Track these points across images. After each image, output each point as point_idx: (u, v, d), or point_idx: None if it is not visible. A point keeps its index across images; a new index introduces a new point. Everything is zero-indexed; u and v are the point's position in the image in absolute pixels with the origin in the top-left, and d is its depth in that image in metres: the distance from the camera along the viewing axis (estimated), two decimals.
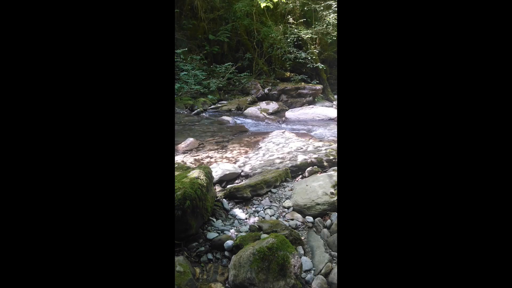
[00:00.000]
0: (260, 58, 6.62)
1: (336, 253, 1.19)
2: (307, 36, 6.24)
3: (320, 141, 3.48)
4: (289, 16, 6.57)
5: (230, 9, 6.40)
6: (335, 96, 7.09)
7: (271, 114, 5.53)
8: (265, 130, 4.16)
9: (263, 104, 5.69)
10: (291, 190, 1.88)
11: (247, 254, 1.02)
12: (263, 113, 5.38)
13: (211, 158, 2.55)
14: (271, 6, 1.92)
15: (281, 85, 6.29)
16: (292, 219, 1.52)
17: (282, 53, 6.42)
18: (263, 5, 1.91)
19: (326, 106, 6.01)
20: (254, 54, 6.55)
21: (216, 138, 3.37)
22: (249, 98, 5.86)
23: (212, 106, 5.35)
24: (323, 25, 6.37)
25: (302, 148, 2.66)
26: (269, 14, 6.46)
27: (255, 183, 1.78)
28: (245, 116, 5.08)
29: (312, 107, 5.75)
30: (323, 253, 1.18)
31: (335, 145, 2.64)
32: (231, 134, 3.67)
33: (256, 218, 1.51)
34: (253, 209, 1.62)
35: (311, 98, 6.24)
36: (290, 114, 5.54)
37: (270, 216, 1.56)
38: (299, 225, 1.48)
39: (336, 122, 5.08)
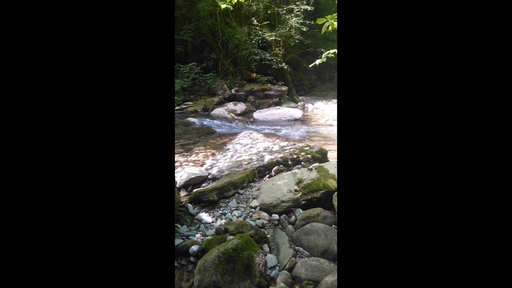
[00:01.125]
0: (226, 59, 6.59)
1: (300, 247, 1.25)
2: (271, 38, 6.40)
3: (286, 140, 3.60)
4: (253, 18, 6.67)
5: (193, 8, 6.23)
6: (300, 97, 7.41)
7: (239, 115, 5.54)
8: (233, 131, 4.15)
9: (230, 105, 5.67)
10: (258, 190, 1.91)
11: (212, 258, 1.01)
12: (231, 114, 5.36)
13: (175, 162, 2.46)
14: (231, 8, 1.91)
15: (248, 86, 6.34)
16: (259, 218, 1.55)
17: (247, 54, 6.48)
18: (223, 6, 1.90)
19: (292, 107, 6.25)
20: (219, 55, 6.49)
21: (181, 141, 3.26)
22: (216, 99, 5.79)
23: (177, 108, 5.16)
24: (286, 28, 6.60)
25: (269, 148, 2.73)
26: (233, 15, 6.47)
27: (222, 186, 1.77)
28: (212, 117, 5.00)
29: (279, 108, 5.93)
30: (287, 249, 1.23)
31: (299, 144, 2.76)
32: (198, 136, 3.59)
33: (223, 221, 1.51)
34: (220, 211, 1.61)
35: (277, 99, 6.42)
36: (257, 114, 5.62)
37: (237, 217, 1.57)
38: (265, 224, 1.52)
39: (301, 122, 5.31)
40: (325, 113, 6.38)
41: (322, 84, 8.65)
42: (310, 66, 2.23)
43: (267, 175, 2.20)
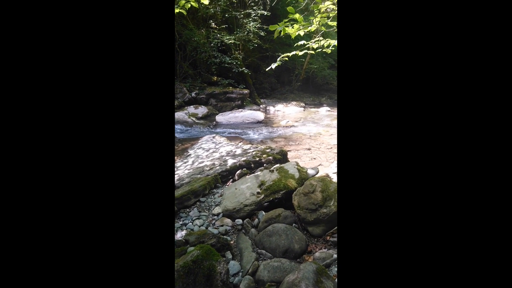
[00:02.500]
0: (184, 61, 6.37)
1: (262, 250, 1.27)
2: (230, 41, 6.41)
3: (250, 143, 3.63)
4: (211, 21, 6.59)
5: None
6: (262, 100, 7.56)
7: (201, 118, 5.40)
8: (195, 136, 4.02)
9: (191, 109, 5.48)
10: (221, 196, 1.88)
11: None
12: (192, 118, 5.19)
13: None
14: (184, 13, 1.86)
15: (208, 89, 6.23)
16: (222, 225, 1.52)
17: (206, 57, 6.37)
18: (176, 11, 1.83)
19: (254, 110, 6.34)
20: (177, 57, 6.24)
21: None
22: (175, 103, 5.53)
23: None
24: (244, 32, 6.68)
25: (232, 152, 2.71)
26: (190, 18, 6.29)
27: (181, 195, 1.69)
28: None
29: (241, 110, 5.95)
30: (250, 253, 1.24)
31: (261, 147, 2.80)
32: None
33: (184, 232, 1.44)
34: (180, 222, 1.54)
35: (239, 102, 6.44)
36: (220, 118, 5.55)
37: (199, 226, 1.52)
38: (229, 230, 1.50)
39: (264, 124, 5.42)
40: (285, 114, 6.64)
41: (282, 87, 8.99)
42: (267, 69, 2.30)
43: (231, 180, 2.19)
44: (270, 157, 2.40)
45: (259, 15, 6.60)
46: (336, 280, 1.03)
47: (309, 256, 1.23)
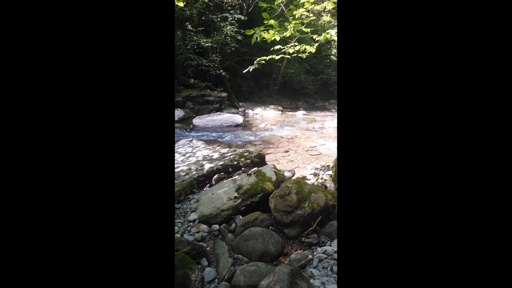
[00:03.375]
0: None
1: (239, 255, 1.26)
2: (207, 44, 6.35)
3: (228, 147, 3.61)
4: (187, 23, 6.48)
5: None
6: (240, 103, 7.57)
7: (177, 122, 5.25)
8: None
9: None
10: (197, 201, 1.83)
11: None
12: None
13: None
14: None
15: (185, 92, 6.09)
16: (198, 232, 1.48)
17: (183, 59, 6.24)
18: None
19: (233, 113, 6.32)
20: None
21: None
22: None
23: None
24: (221, 36, 6.67)
25: (209, 156, 2.67)
26: None
27: None
28: None
29: (220, 114, 5.90)
30: (227, 259, 1.22)
31: (239, 150, 2.80)
32: None
33: None
34: None
35: (217, 105, 6.38)
36: (198, 121, 5.45)
37: (174, 234, 1.46)
38: (205, 236, 1.47)
39: (243, 127, 5.42)
40: (264, 118, 6.71)
41: (260, 91, 9.09)
42: (244, 72, 2.31)
43: (207, 185, 2.15)
44: (248, 161, 2.41)
45: (236, 19, 6.64)
46: (310, 280, 1.05)
47: (285, 258, 1.24)
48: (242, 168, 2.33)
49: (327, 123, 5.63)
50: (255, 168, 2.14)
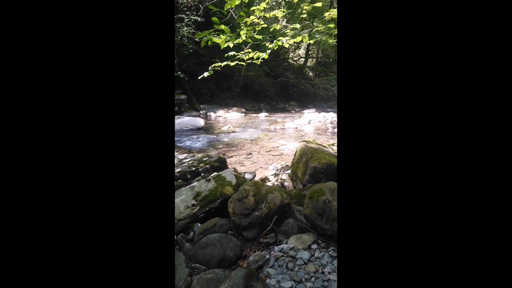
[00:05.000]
0: None
1: (196, 264, 1.23)
2: None
3: (187, 152, 3.49)
4: None
5: None
6: (201, 106, 7.40)
7: None
8: None
9: None
10: None
11: None
12: None
13: None
14: None
15: None
16: None
17: None
18: None
19: (194, 116, 6.14)
20: None
21: None
22: None
23: None
24: (178, 37, 6.43)
25: None
26: None
27: None
28: None
29: (179, 117, 5.67)
30: (183, 269, 1.18)
31: (198, 155, 2.73)
32: None
33: None
34: None
35: (177, 108, 6.13)
36: None
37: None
38: None
39: (204, 131, 5.30)
40: (227, 120, 6.68)
41: (222, 93, 9.03)
42: (199, 78, 2.27)
43: None
44: (208, 166, 2.37)
45: (192, 20, 6.48)
46: (266, 280, 1.09)
47: (244, 261, 1.26)
48: (202, 174, 2.28)
49: (287, 124, 5.87)
50: (215, 173, 2.12)
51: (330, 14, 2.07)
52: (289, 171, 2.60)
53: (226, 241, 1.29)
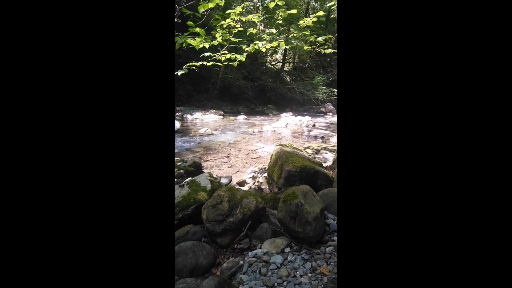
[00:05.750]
0: None
1: None
2: None
3: None
4: None
5: None
6: (177, 108, 7.18)
7: None
8: None
9: None
10: None
11: None
12: None
13: None
14: None
15: None
16: None
17: None
18: None
19: None
20: None
21: None
22: None
23: None
24: None
25: None
26: None
27: None
28: None
29: None
30: None
31: None
32: None
33: None
34: None
35: None
36: None
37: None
38: None
39: (181, 134, 5.14)
40: (204, 122, 6.56)
41: (199, 95, 8.86)
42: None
43: None
44: (182, 171, 2.30)
45: None
46: (239, 287, 1.07)
47: (217, 269, 1.23)
48: (175, 180, 2.21)
49: (265, 127, 5.92)
50: (189, 178, 2.06)
51: (304, 22, 2.14)
52: (266, 174, 2.62)
53: (199, 249, 1.26)
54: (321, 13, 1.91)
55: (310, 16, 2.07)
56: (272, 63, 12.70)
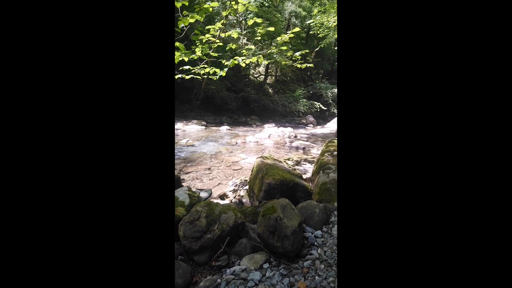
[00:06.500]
0: None
1: None
2: None
3: None
4: None
5: None
6: None
7: None
8: None
9: None
10: None
11: None
12: None
13: None
14: None
15: None
16: None
17: None
18: None
19: None
20: None
21: None
22: None
23: None
24: None
25: None
26: None
27: None
28: None
29: None
30: None
31: None
32: None
33: None
34: None
35: None
36: None
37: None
38: None
39: None
40: (186, 133, 6.45)
41: (181, 105, 8.75)
42: None
43: None
44: None
45: None
46: None
47: None
48: None
49: (248, 137, 5.95)
50: None
51: (282, 38, 2.23)
52: (247, 187, 2.61)
53: (175, 268, 1.20)
54: (297, 29, 2.00)
55: (287, 32, 2.17)
56: (255, 75, 12.97)
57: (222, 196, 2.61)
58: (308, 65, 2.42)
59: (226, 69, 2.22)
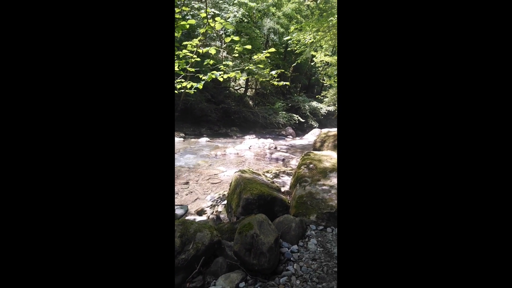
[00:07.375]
0: None
1: None
2: None
3: None
4: None
5: None
6: None
7: None
8: None
9: None
10: None
11: None
12: None
13: None
14: None
15: None
16: None
17: None
18: None
19: None
20: None
21: None
22: None
23: None
24: None
25: None
26: None
27: None
28: None
29: None
30: None
31: None
32: None
33: None
34: None
35: None
36: None
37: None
38: None
39: None
40: None
41: None
42: None
43: None
44: None
45: None
46: None
47: None
48: None
49: (228, 149, 5.92)
50: None
51: (258, 57, 2.31)
52: (225, 202, 2.57)
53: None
54: (272, 49, 2.09)
55: (263, 51, 2.26)
56: (236, 88, 13.13)
57: (200, 212, 2.54)
58: (284, 83, 2.52)
59: (202, 82, 2.23)
